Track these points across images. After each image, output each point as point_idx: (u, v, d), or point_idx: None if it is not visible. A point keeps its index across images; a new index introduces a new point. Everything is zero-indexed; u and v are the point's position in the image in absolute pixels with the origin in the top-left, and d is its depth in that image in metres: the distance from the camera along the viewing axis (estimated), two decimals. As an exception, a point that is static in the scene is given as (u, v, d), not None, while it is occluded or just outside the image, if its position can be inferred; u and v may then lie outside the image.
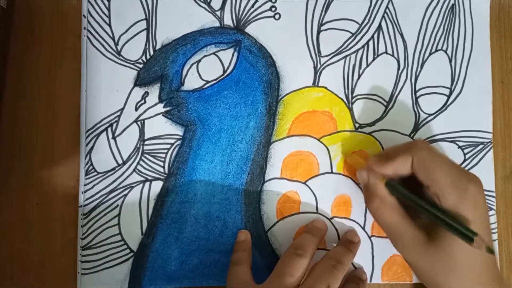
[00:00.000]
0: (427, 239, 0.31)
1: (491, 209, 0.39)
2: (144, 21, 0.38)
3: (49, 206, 0.38)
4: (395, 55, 0.39)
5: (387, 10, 0.39)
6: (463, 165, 0.39)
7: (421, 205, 0.31)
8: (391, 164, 0.32)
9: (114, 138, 0.38)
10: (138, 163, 0.38)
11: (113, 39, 0.38)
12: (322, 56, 0.39)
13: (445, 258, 0.31)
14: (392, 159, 0.32)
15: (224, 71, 0.38)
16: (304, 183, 0.38)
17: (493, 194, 0.39)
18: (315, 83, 0.39)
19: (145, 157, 0.38)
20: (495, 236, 0.39)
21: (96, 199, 0.37)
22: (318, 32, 0.39)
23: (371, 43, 0.39)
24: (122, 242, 0.37)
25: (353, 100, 0.39)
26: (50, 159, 0.38)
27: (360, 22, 0.39)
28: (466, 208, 0.30)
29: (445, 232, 0.31)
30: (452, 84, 0.39)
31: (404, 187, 0.33)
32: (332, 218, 0.38)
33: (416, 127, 0.39)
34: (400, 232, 0.32)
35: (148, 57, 0.38)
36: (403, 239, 0.32)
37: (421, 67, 0.39)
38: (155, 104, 0.38)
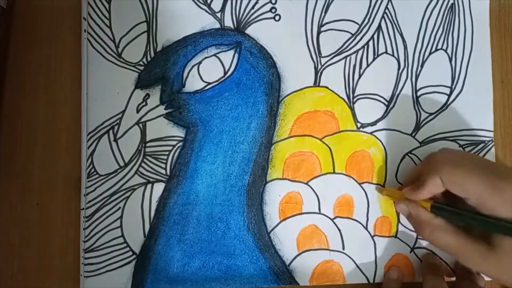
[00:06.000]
0: (488, 247, 0.30)
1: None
2: (145, 23, 0.38)
3: (49, 206, 0.38)
4: (395, 55, 0.39)
5: (386, 10, 0.40)
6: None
7: (468, 219, 0.31)
8: (423, 190, 0.32)
9: (115, 140, 0.38)
10: (139, 165, 0.38)
11: (113, 41, 0.38)
12: (322, 57, 0.39)
13: (511, 261, 0.30)
14: (423, 185, 0.32)
15: (225, 73, 0.38)
16: (306, 183, 0.38)
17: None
18: (316, 83, 0.39)
19: (147, 159, 0.38)
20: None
21: (98, 202, 0.37)
22: (318, 32, 0.39)
23: (371, 43, 0.39)
24: (124, 245, 0.37)
25: (355, 100, 0.39)
26: (50, 160, 0.38)
27: (360, 23, 0.39)
28: (509, 208, 0.29)
29: (502, 235, 0.30)
30: (452, 83, 0.40)
31: (449, 201, 0.32)
32: (334, 218, 0.38)
33: (418, 126, 0.39)
34: (460, 250, 0.31)
35: (149, 59, 0.38)
36: (465, 255, 0.32)
37: (421, 66, 0.39)
38: (156, 106, 0.38)
